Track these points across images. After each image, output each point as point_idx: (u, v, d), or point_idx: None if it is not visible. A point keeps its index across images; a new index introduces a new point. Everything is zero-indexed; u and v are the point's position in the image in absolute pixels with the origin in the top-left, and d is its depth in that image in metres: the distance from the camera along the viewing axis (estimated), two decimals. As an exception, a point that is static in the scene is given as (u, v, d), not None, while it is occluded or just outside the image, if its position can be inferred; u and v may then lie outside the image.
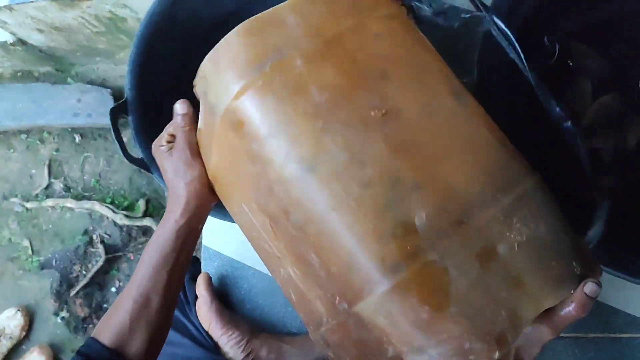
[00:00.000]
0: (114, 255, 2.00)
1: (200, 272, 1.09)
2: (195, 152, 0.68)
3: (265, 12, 0.57)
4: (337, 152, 0.52)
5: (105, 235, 2.01)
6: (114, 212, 1.98)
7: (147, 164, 0.87)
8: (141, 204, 2.01)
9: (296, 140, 0.53)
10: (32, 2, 1.60)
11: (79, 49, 1.95)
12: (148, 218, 1.98)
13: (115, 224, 2.00)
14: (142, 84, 0.87)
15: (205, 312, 0.99)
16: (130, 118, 0.86)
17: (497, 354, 0.48)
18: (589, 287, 0.50)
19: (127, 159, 0.83)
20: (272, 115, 0.55)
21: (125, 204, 2.03)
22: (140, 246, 2.03)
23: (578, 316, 0.51)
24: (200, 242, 1.25)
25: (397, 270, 0.48)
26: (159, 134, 0.76)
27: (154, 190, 2.06)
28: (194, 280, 1.07)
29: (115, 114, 0.84)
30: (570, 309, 0.51)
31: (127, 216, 1.97)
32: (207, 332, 0.99)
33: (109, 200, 2.03)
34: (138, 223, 1.97)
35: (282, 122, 0.54)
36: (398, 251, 0.48)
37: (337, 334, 0.55)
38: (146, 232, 2.02)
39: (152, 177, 2.06)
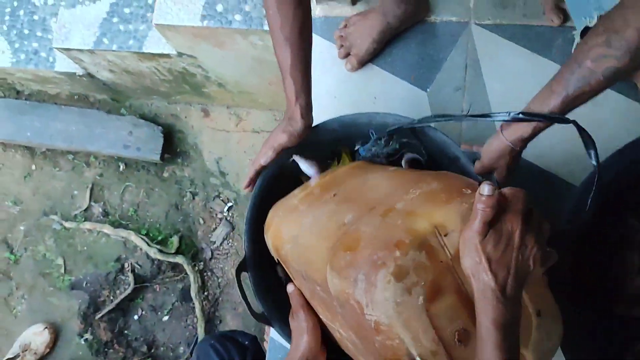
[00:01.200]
0: (141, 285, 2.10)
1: (263, 357, 1.20)
2: (309, 321, 0.84)
3: (283, 199, 0.95)
4: (309, 224, 0.86)
5: (136, 265, 2.10)
6: (148, 244, 2.07)
7: (268, 319, 0.95)
8: (175, 240, 2.11)
9: (289, 229, 0.90)
10: (114, 51, 1.70)
11: (141, 88, 2.05)
12: (180, 256, 2.08)
13: (147, 255, 2.09)
14: (256, 242, 0.98)
15: None
16: (249, 274, 0.96)
17: (397, 252, 0.67)
18: (482, 187, 0.67)
19: (252, 316, 0.92)
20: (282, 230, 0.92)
21: (160, 237, 2.12)
22: (167, 280, 2.12)
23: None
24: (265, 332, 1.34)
25: (334, 245, 0.76)
26: (276, 287, 0.95)
27: (188, 228, 2.15)
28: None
29: (239, 273, 0.94)
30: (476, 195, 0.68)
31: (160, 251, 2.07)
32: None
33: (144, 231, 2.12)
34: (170, 259, 2.07)
35: (285, 227, 0.92)
36: (336, 237, 0.77)
37: (346, 331, 0.79)
38: (175, 267, 2.11)
39: (187, 215, 2.17)
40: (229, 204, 2.15)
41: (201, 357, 1.20)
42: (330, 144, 1.07)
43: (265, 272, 1.00)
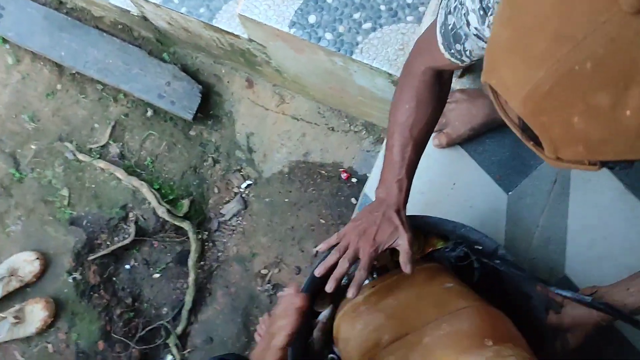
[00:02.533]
0: (141, 237, 2.06)
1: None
2: None
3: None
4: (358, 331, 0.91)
5: (140, 218, 2.05)
6: (158, 202, 2.02)
7: None
8: (185, 203, 2.06)
9: (345, 329, 0.96)
10: (182, 14, 1.57)
11: (192, 43, 1.93)
12: (187, 221, 2.03)
13: (154, 211, 2.04)
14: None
15: None
16: (290, 348, 0.93)
17: None
18: None
19: None
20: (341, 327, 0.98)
21: (171, 196, 2.06)
22: (167, 239, 2.09)
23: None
24: None
25: None
26: None
27: (201, 193, 2.10)
28: None
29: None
30: None
31: (169, 211, 2.01)
32: None
33: (157, 185, 2.06)
34: (177, 222, 2.02)
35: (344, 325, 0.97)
36: (368, 356, 0.87)
37: None
38: (178, 229, 2.07)
39: (203, 180, 2.11)
40: (248, 182, 2.10)
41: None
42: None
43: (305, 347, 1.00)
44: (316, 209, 2.04)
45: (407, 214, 0.96)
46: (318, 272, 0.91)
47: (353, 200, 2.02)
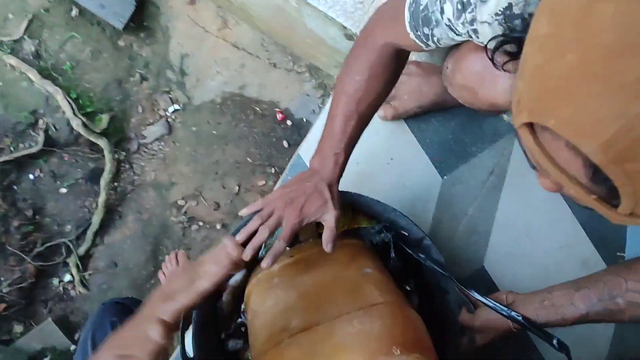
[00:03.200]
0: (50, 148, 1.89)
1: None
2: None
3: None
4: (268, 307, 0.86)
5: (52, 127, 1.88)
6: (74, 112, 1.85)
7: None
8: (104, 118, 1.90)
9: (255, 300, 0.91)
10: None
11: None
12: (104, 139, 1.88)
13: (68, 122, 1.87)
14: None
15: None
16: (194, 316, 0.87)
17: None
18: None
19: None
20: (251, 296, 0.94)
21: (89, 109, 1.90)
22: (80, 153, 1.94)
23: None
24: None
25: (266, 352, 0.81)
26: (214, 336, 0.89)
27: (123, 110, 1.94)
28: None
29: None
30: None
31: (84, 125, 1.85)
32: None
33: (74, 94, 1.88)
34: (92, 138, 1.87)
35: (255, 295, 0.93)
36: (274, 342, 0.81)
37: None
38: (93, 144, 1.92)
39: (128, 96, 1.95)
40: (176, 107, 1.96)
41: (98, 334, 1.11)
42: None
43: (209, 320, 0.95)
44: (245, 146, 1.95)
45: (340, 187, 0.91)
46: (240, 239, 0.84)
47: (285, 143, 1.94)
